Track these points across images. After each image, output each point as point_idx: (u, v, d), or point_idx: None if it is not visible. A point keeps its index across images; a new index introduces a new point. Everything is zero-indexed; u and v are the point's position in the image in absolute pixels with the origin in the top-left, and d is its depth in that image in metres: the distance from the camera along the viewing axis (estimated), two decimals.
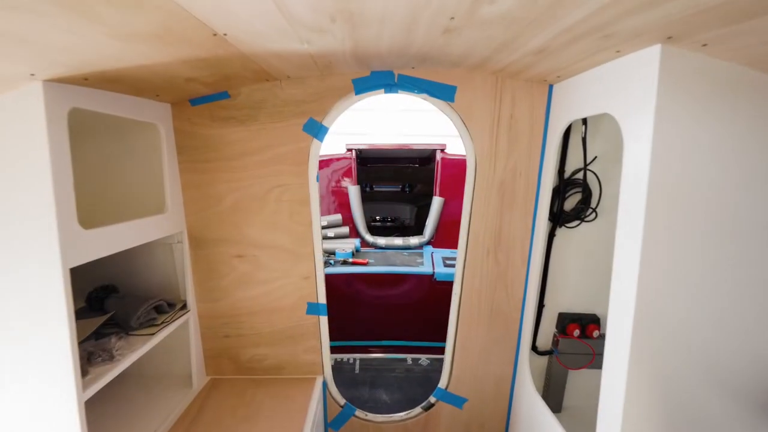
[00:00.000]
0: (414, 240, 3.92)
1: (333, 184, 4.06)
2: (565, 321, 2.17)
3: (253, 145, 1.95)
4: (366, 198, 4.14)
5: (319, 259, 2.12)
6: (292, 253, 2.10)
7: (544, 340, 2.25)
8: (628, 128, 1.27)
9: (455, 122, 1.95)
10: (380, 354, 3.40)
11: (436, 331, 3.40)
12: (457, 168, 3.95)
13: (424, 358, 3.31)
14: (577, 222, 2.05)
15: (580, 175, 1.99)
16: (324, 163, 4.08)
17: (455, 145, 4.12)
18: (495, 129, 1.94)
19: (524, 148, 1.97)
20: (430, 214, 3.98)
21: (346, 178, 4.04)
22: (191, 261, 2.09)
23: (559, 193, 2.00)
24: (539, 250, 2.04)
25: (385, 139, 5.59)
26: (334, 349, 3.43)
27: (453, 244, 4.08)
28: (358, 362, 3.28)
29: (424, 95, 1.91)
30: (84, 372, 1.44)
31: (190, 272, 2.08)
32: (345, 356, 3.36)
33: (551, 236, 2.06)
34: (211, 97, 1.88)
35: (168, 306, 1.98)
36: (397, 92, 1.91)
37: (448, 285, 3.25)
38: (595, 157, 1.96)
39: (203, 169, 1.98)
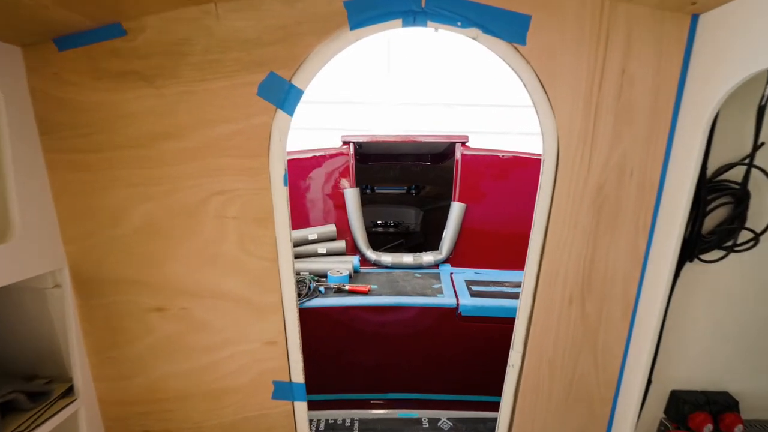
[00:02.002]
0: (428, 257, 3.11)
1: (327, 186, 3.24)
2: (684, 405, 1.41)
3: (171, 121, 1.14)
4: (364, 200, 3.36)
5: (292, 311, 1.30)
6: (247, 303, 1.29)
7: (646, 430, 1.45)
8: None
9: (526, 81, 1.13)
10: (386, 411, 2.60)
11: (461, 380, 2.61)
12: (483, 166, 3.15)
13: (445, 419, 2.50)
14: (721, 253, 1.23)
15: (730, 175, 1.17)
16: (315, 161, 3.27)
17: (473, 141, 3.35)
18: (594, 95, 1.13)
19: (641, 128, 1.16)
20: (447, 224, 3.16)
21: (342, 179, 3.22)
22: (80, 316, 1.28)
23: (697, 206, 1.18)
24: (656, 296, 1.24)
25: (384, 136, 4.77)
26: (325, 405, 2.65)
27: (477, 261, 3.29)
28: (357, 424, 2.49)
29: (474, 30, 1.08)
30: None
31: (78, 334, 1.27)
32: (340, 414, 2.57)
33: (675, 275, 1.24)
34: (93, 35, 1.06)
35: (29, 399, 1.16)
36: (424, 24, 1.08)
37: (476, 322, 2.45)
38: (762, 143, 1.14)
39: (89, 164, 1.17)
